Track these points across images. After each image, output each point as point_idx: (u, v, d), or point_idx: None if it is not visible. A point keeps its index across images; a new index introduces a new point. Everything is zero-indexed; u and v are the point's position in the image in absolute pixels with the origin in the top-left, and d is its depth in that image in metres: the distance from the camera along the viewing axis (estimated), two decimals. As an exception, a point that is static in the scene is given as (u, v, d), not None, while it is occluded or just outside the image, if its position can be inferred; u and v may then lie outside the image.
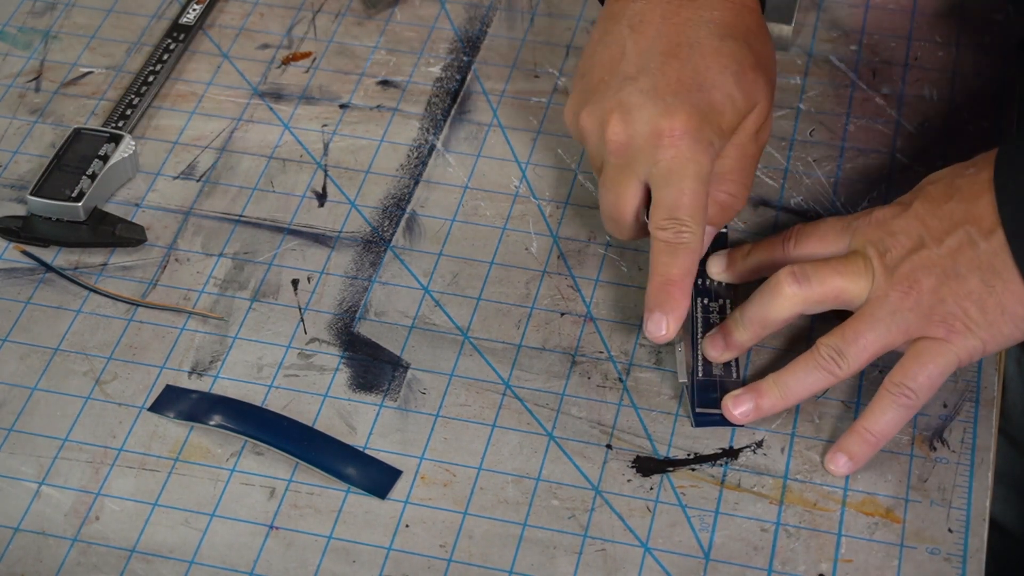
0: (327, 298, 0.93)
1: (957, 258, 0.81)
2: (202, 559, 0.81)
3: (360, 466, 0.84)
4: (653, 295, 0.84)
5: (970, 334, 0.81)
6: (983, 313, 0.81)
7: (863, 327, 0.82)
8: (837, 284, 0.83)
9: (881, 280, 0.82)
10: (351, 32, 1.10)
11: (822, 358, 0.83)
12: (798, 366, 0.84)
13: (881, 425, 0.83)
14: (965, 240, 0.81)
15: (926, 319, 0.81)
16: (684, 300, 0.84)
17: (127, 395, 0.88)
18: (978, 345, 0.82)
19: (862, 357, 0.82)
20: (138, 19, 1.11)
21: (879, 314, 0.82)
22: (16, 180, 1.00)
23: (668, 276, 0.84)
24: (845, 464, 0.83)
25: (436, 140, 1.02)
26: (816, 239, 0.87)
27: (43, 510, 0.83)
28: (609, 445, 0.85)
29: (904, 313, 0.82)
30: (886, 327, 0.82)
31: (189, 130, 1.03)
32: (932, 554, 0.81)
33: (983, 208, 0.81)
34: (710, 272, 0.91)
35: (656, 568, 0.80)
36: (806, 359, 0.84)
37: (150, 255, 0.95)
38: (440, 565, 0.80)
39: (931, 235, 0.82)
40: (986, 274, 0.81)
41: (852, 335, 0.82)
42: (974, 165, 0.83)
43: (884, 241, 0.83)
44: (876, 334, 0.82)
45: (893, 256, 0.82)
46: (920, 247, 0.82)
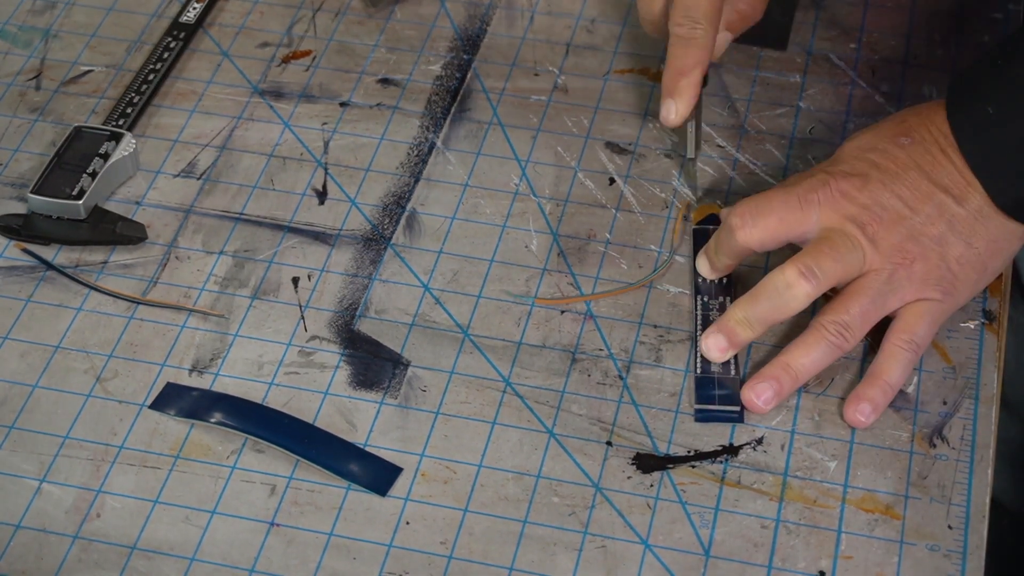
0: (327, 296, 0.93)
1: (938, 224, 0.86)
2: (203, 556, 0.81)
3: (360, 463, 0.84)
4: (666, 83, 0.93)
5: (964, 288, 0.88)
6: (973, 270, 0.87)
7: (864, 300, 0.86)
8: (839, 271, 0.86)
9: (871, 254, 0.86)
10: (351, 30, 1.10)
11: (829, 334, 0.86)
12: (807, 345, 0.86)
13: (896, 376, 0.86)
14: (942, 207, 0.86)
15: (921, 284, 0.86)
16: (692, 89, 0.93)
17: (128, 393, 0.88)
18: (971, 294, 0.89)
19: (865, 327, 0.87)
20: (138, 17, 1.11)
21: (877, 286, 0.86)
22: (17, 178, 1.00)
23: (680, 67, 0.92)
24: (870, 413, 0.85)
25: (436, 138, 1.02)
26: (776, 220, 0.88)
27: (44, 507, 0.83)
28: (609, 442, 0.85)
29: (900, 282, 0.86)
30: (884, 298, 0.86)
31: (189, 128, 1.03)
32: (932, 550, 0.81)
33: (950, 176, 0.87)
34: (700, 272, 0.92)
35: (656, 565, 0.80)
36: (814, 337, 0.86)
37: (151, 253, 0.95)
38: (440, 562, 0.80)
39: (907, 205, 0.86)
40: (968, 236, 0.86)
41: (856, 309, 0.86)
42: (907, 131, 0.89)
43: (860, 216, 0.86)
44: (876, 305, 0.86)
45: (874, 230, 0.86)
46: (900, 219, 0.86)
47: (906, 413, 0.87)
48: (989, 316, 0.91)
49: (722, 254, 0.90)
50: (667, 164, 1.00)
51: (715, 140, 1.01)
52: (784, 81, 1.05)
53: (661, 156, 1.00)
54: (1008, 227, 0.87)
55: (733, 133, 1.02)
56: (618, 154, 1.01)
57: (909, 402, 0.87)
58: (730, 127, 1.02)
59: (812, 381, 0.88)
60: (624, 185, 0.99)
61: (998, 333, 0.90)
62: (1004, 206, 0.86)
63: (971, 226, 0.87)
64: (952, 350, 0.89)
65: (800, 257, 0.86)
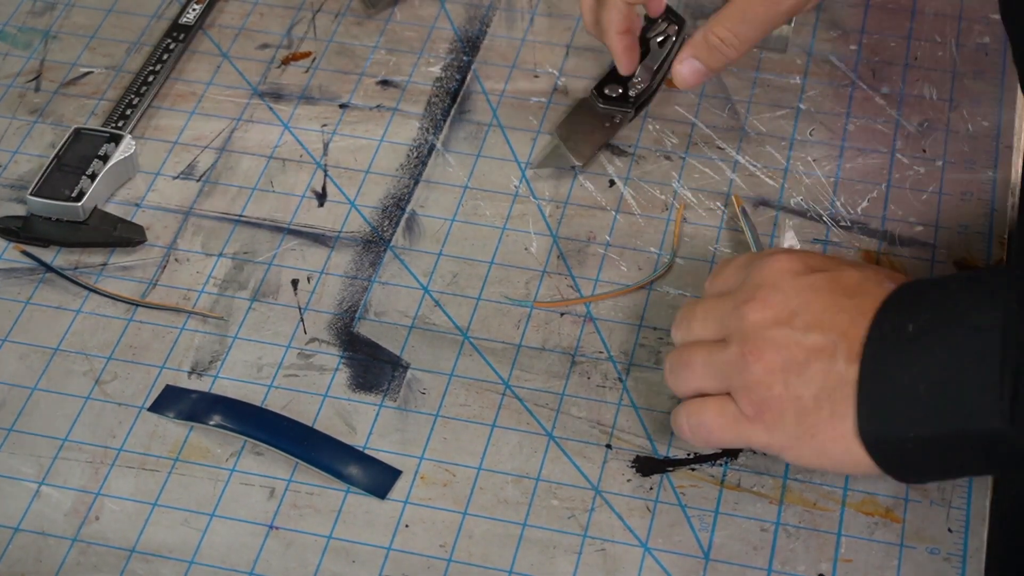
0: (327, 298, 0.93)
1: (810, 358, 0.76)
2: (202, 559, 0.81)
3: (360, 466, 0.84)
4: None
5: (772, 432, 0.78)
6: (796, 424, 0.77)
7: (694, 354, 0.81)
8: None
9: (735, 335, 0.79)
10: (351, 32, 1.10)
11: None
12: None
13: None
14: (829, 348, 0.76)
15: (747, 391, 0.78)
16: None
17: (127, 395, 0.88)
18: (770, 444, 0.78)
19: (680, 388, 0.82)
20: (138, 19, 1.11)
21: (713, 354, 0.80)
22: (16, 180, 1.00)
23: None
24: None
25: (436, 140, 1.02)
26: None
27: (43, 510, 0.83)
28: (609, 445, 0.85)
29: (732, 369, 0.78)
30: (710, 372, 0.80)
31: (189, 130, 1.03)
32: (932, 554, 0.81)
33: (855, 333, 0.76)
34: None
35: (656, 568, 0.80)
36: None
37: (150, 255, 0.95)
38: (440, 565, 0.80)
39: (801, 320, 0.77)
40: (823, 393, 0.76)
41: (682, 359, 0.82)
42: (862, 293, 0.78)
43: (752, 302, 0.79)
44: (696, 371, 0.81)
45: (753, 319, 0.78)
46: (784, 323, 0.77)
47: (906, 416, 0.86)
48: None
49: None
50: (667, 166, 1.00)
51: (715, 142, 1.01)
52: (784, 83, 1.05)
53: (661, 158, 1.00)
54: (855, 451, 0.76)
55: (733, 135, 1.01)
56: (618, 156, 1.01)
57: (909, 405, 0.87)
58: (730, 129, 1.02)
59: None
60: (624, 187, 0.99)
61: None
62: (866, 438, 0.75)
63: (836, 387, 0.76)
64: (952, 353, 0.89)
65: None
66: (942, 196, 0.98)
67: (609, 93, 1.02)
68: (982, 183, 0.98)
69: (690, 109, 1.03)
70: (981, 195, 0.98)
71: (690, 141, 1.01)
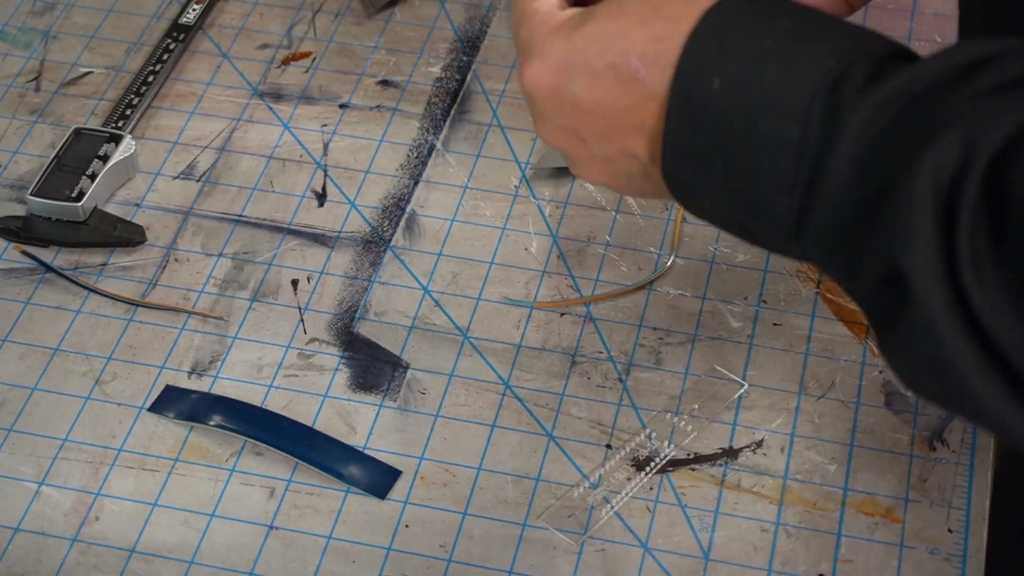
0: (327, 298, 0.93)
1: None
2: (202, 559, 0.81)
3: (360, 466, 0.84)
4: None
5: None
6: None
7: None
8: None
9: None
10: (351, 32, 1.10)
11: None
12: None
13: None
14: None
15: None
16: None
17: (127, 395, 0.88)
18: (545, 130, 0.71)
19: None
20: (138, 19, 1.11)
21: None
22: (16, 180, 1.00)
23: None
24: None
25: (436, 140, 1.02)
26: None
27: (43, 510, 0.83)
28: (609, 445, 0.85)
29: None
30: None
31: (189, 130, 1.03)
32: (932, 554, 0.81)
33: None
34: None
35: (656, 568, 0.80)
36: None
37: (150, 255, 0.95)
38: (440, 565, 0.80)
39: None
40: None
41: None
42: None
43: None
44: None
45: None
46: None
47: (906, 416, 0.86)
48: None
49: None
50: (667, 166, 1.00)
51: (715, 142, 1.01)
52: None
53: (661, 158, 1.00)
54: (652, 174, 0.68)
55: (733, 135, 1.01)
56: (618, 156, 1.00)
57: (909, 405, 0.87)
58: (730, 129, 1.02)
59: (813, 384, 0.88)
60: (624, 187, 0.99)
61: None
62: (670, 180, 0.67)
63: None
64: (952, 353, 0.89)
65: None
66: (942, 196, 0.98)
67: None
68: (982, 183, 0.98)
69: (690, 109, 1.03)
70: (981, 195, 0.97)
71: (690, 141, 1.01)
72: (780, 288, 0.93)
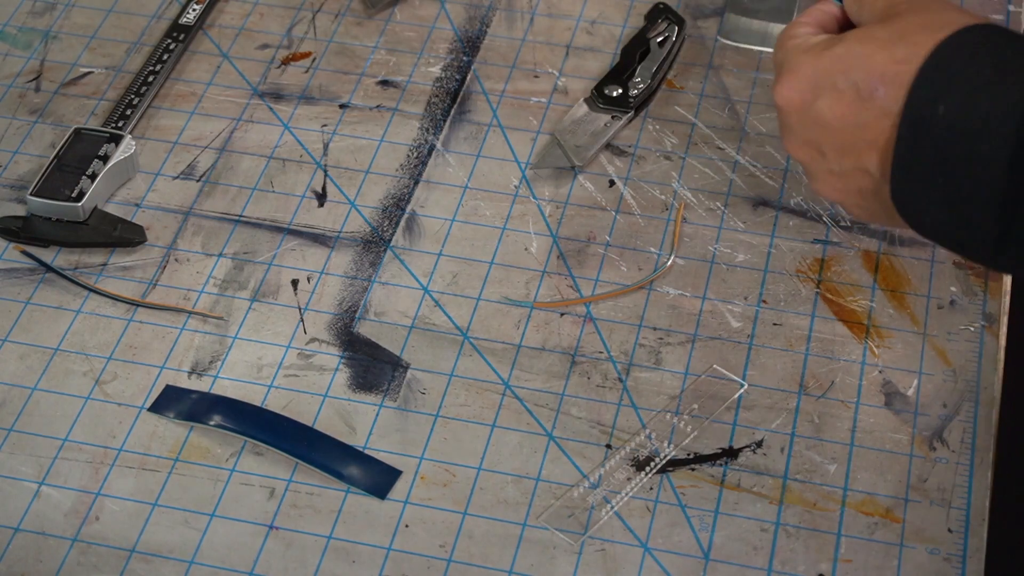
0: (327, 298, 0.93)
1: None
2: (202, 559, 0.81)
3: (360, 466, 0.84)
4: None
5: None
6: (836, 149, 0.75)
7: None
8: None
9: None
10: (351, 32, 1.10)
11: None
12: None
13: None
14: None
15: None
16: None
17: (127, 395, 0.88)
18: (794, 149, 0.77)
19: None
20: (138, 19, 1.11)
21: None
22: (16, 180, 1.00)
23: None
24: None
25: (436, 140, 1.02)
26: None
27: (43, 510, 0.83)
28: (609, 445, 0.85)
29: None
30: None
31: (189, 130, 1.03)
32: (932, 554, 0.81)
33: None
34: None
35: (656, 568, 0.80)
36: None
37: (150, 255, 0.95)
38: (440, 565, 0.80)
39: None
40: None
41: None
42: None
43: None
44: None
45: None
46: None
47: (906, 416, 0.87)
48: (989, 319, 0.91)
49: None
50: (667, 166, 1.00)
51: (715, 142, 1.01)
52: None
53: (661, 158, 1.00)
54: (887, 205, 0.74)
55: (733, 135, 1.01)
56: (618, 156, 1.01)
57: (909, 405, 0.87)
58: (730, 129, 1.02)
59: (812, 384, 0.88)
60: (624, 187, 0.99)
61: (998, 335, 0.90)
62: (896, 196, 0.73)
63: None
64: (952, 353, 0.89)
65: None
66: (942, 196, 0.98)
67: (609, 93, 1.02)
68: (982, 183, 0.98)
69: (690, 109, 1.03)
70: (981, 195, 0.97)
71: (690, 141, 1.01)
72: (780, 288, 0.93)
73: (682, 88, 1.05)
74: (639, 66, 1.04)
